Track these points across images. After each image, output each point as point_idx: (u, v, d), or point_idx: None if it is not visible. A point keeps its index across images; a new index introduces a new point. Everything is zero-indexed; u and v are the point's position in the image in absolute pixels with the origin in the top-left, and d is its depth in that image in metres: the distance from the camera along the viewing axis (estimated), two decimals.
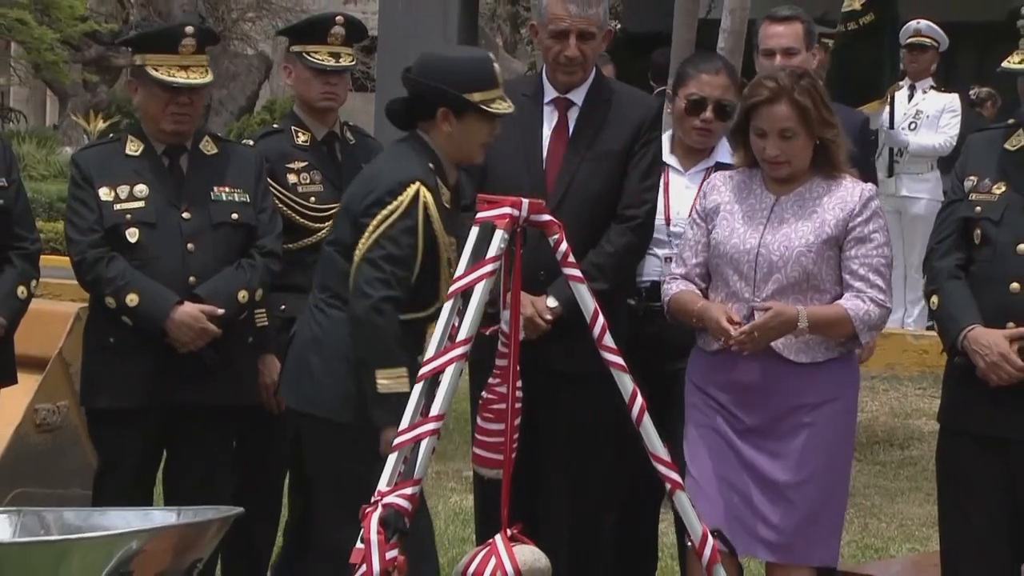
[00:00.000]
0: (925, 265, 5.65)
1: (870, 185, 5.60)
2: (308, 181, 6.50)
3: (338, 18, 6.53)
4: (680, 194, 6.18)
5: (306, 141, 6.51)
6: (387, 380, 5.44)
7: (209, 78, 6.21)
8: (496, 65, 5.73)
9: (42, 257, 6.50)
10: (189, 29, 6.18)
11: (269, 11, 33.29)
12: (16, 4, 28.10)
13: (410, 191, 5.54)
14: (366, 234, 5.55)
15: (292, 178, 6.38)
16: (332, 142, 6.51)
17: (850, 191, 5.49)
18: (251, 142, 6.59)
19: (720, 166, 6.04)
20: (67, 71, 32.50)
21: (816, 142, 5.46)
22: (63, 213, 6.53)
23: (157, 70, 6.10)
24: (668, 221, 6.16)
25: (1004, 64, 5.54)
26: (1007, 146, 5.54)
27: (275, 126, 6.76)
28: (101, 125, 27.00)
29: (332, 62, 6.48)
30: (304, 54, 6.48)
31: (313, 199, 6.47)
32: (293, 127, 6.56)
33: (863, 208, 5.46)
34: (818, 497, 5.45)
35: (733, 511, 5.37)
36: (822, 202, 5.47)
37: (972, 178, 5.53)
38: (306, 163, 6.44)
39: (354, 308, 5.55)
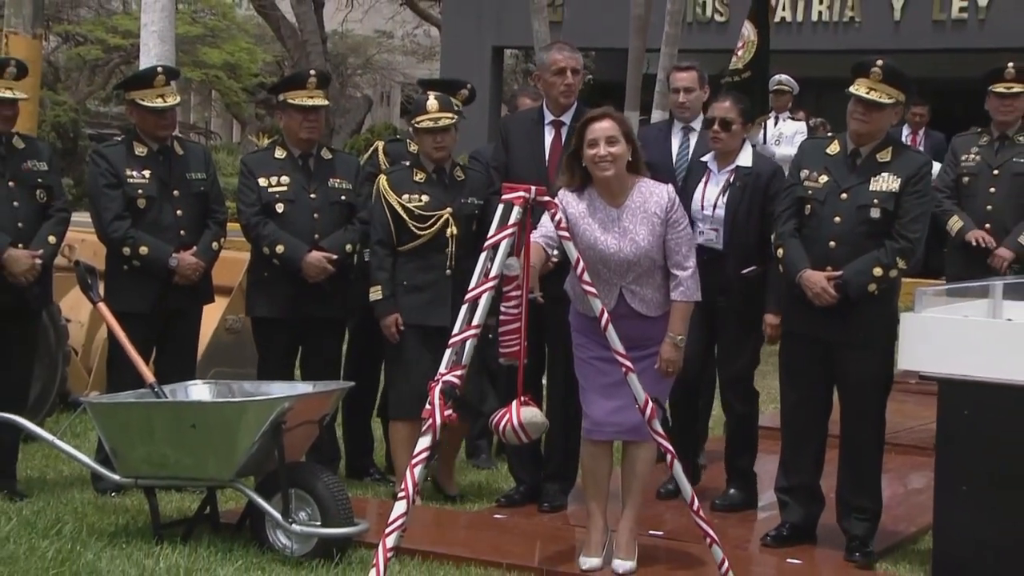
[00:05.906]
0: (773, 226, 5.53)
1: (668, 185, 5.14)
2: None
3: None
4: (712, 187, 5.91)
5: (415, 149, 6.25)
6: (373, 294, 5.86)
7: (327, 103, 6.19)
8: (431, 102, 5.89)
9: (228, 224, 6.48)
10: (312, 72, 6.16)
11: (371, 69, 33.21)
12: (214, 65, 28.00)
13: (375, 184, 5.99)
14: None
15: None
16: None
17: (658, 194, 5.07)
18: (372, 149, 6.55)
19: (739, 168, 5.82)
20: (246, 108, 32.43)
21: (629, 158, 5.04)
22: None
23: (295, 99, 6.06)
24: (703, 206, 5.89)
25: (853, 89, 5.26)
26: (828, 151, 5.46)
27: (397, 137, 6.72)
28: (266, 141, 26.81)
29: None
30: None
31: None
32: (407, 139, 6.46)
33: (672, 205, 5.05)
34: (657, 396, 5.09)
35: (608, 408, 5.10)
36: (645, 207, 5.05)
37: (805, 171, 5.45)
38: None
39: None
